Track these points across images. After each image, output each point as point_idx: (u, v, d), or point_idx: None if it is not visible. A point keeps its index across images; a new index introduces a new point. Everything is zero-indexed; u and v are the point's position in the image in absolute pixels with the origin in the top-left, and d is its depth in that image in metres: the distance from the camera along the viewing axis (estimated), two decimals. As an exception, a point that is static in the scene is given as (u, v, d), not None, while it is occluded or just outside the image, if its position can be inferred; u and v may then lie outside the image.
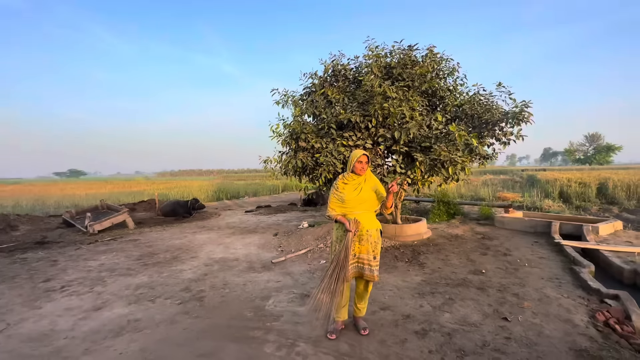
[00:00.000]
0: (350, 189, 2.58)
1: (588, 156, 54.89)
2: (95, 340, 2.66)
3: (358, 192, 2.57)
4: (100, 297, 3.54)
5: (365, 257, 2.56)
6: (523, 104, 5.00)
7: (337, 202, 2.60)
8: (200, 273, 4.32)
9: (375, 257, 2.57)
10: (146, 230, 7.70)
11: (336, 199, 2.61)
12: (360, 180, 2.60)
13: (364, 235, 2.55)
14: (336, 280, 2.47)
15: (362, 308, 2.74)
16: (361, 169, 2.57)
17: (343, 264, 2.49)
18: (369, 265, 2.55)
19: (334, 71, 5.88)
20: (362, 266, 2.57)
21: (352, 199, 2.55)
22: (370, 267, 2.55)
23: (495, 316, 2.90)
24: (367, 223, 2.56)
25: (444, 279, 3.88)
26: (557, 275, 3.88)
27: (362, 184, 2.59)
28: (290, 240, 5.87)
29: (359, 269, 2.59)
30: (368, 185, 2.61)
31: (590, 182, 12.13)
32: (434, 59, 5.52)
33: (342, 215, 2.58)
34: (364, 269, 2.57)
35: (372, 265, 2.55)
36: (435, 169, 4.66)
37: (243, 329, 2.78)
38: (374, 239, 2.57)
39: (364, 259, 2.56)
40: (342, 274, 2.48)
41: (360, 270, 2.58)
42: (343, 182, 2.63)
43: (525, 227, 6.36)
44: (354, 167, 2.58)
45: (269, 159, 5.25)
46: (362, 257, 2.57)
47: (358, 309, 2.74)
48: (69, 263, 4.93)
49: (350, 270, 2.56)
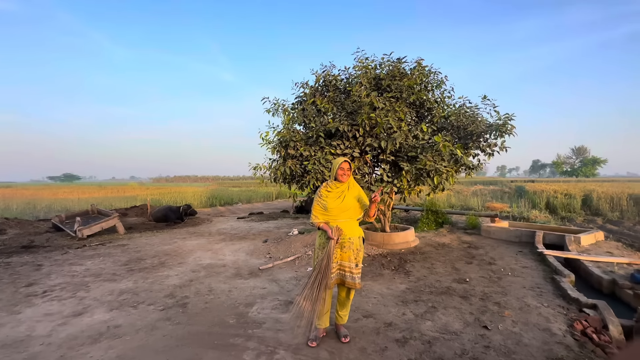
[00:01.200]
0: (334, 196, 2.61)
1: (575, 168, 55.98)
2: (72, 346, 2.63)
3: (341, 200, 2.59)
4: (81, 303, 3.50)
5: (347, 264, 2.58)
6: (506, 117, 5.14)
7: (320, 210, 2.63)
8: (186, 279, 4.30)
9: (357, 265, 2.59)
10: (136, 236, 7.63)
11: (319, 207, 2.64)
12: (344, 188, 2.64)
13: (346, 243, 2.57)
14: (318, 287, 2.48)
15: (344, 315, 2.75)
16: (343, 175, 2.61)
17: (325, 271, 2.50)
18: (350, 272, 2.57)
19: (325, 81, 5.99)
20: (344, 273, 2.59)
21: (335, 207, 2.58)
22: (352, 275, 2.57)
23: (476, 325, 2.93)
24: (350, 231, 2.59)
25: (428, 287, 3.91)
26: (538, 284, 3.94)
27: (345, 192, 2.62)
28: (280, 247, 5.87)
29: (340, 276, 2.61)
30: (351, 194, 2.64)
31: (575, 193, 12.37)
32: (422, 71, 5.66)
33: (325, 222, 2.61)
34: (346, 277, 2.58)
35: (353, 272, 2.57)
36: (421, 178, 4.74)
37: (224, 336, 2.77)
38: (356, 247, 2.60)
39: (346, 266, 2.58)
40: (324, 281, 2.49)
41: (342, 277, 2.60)
42: (326, 189, 2.66)
43: (510, 237, 6.44)
44: (337, 174, 2.62)
45: (258, 165, 5.28)
46: (344, 265, 2.59)
47: (340, 316, 2.75)
48: (53, 268, 4.87)
49: (332, 278, 2.57)
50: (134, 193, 21.57)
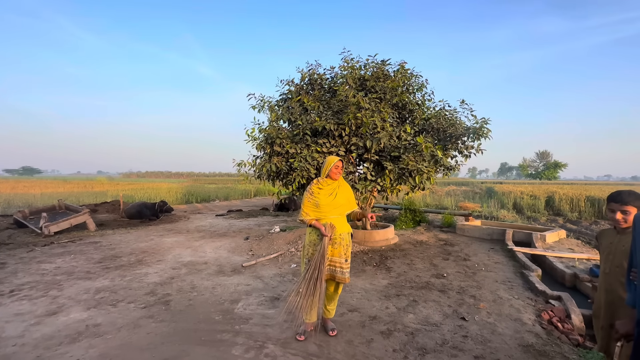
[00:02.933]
0: (325, 194, 2.65)
1: (538, 171, 59.56)
2: (49, 346, 2.51)
3: (333, 197, 2.64)
4: (55, 302, 3.34)
5: (338, 260, 2.64)
6: (483, 121, 5.42)
7: (312, 207, 2.66)
8: (167, 277, 4.19)
9: (347, 260, 2.67)
10: (109, 233, 7.30)
11: (311, 204, 2.66)
12: (335, 186, 2.69)
13: (337, 239, 2.63)
14: (314, 283, 2.52)
15: (332, 309, 2.82)
16: (337, 173, 2.67)
17: (320, 267, 2.55)
18: (340, 267, 2.64)
19: (311, 80, 6.02)
20: (334, 269, 2.65)
21: (327, 204, 2.62)
22: (342, 270, 2.63)
23: (454, 316, 3.10)
24: (340, 227, 2.65)
25: (408, 282, 4.07)
26: (509, 278, 4.22)
27: (336, 190, 2.68)
28: (262, 245, 5.85)
29: (331, 271, 2.66)
30: (342, 191, 2.70)
31: (540, 195, 13.24)
32: (405, 74, 5.84)
33: (316, 219, 2.66)
34: (336, 272, 2.64)
35: (343, 267, 2.64)
36: (403, 177, 4.90)
37: (211, 332, 2.75)
38: (346, 243, 2.67)
39: (336, 262, 2.64)
40: (319, 277, 2.54)
41: (333, 272, 2.66)
42: (318, 187, 2.70)
43: (483, 235, 6.81)
44: (330, 172, 2.67)
45: (242, 162, 5.23)
46: (335, 260, 2.64)
47: (327, 310, 2.81)
48: (19, 266, 4.58)
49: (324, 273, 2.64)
50: (103, 188, 20.54)
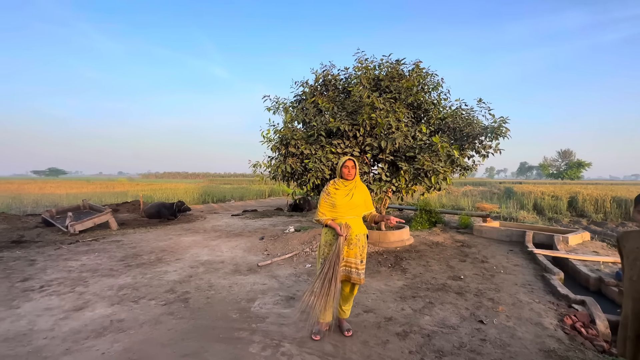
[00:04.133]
0: (342, 194, 2.67)
1: (560, 171, 57.38)
2: (77, 340, 2.64)
3: (349, 198, 2.65)
4: (81, 297, 3.49)
5: (353, 260, 2.64)
6: (501, 120, 5.30)
7: (328, 207, 2.68)
8: (185, 275, 4.31)
9: (362, 261, 2.67)
10: (130, 232, 7.56)
11: (327, 204, 2.68)
12: (351, 187, 2.69)
13: (353, 240, 2.64)
14: (328, 283, 2.53)
15: (347, 310, 2.83)
16: (347, 173, 2.67)
17: (335, 267, 2.56)
18: (356, 268, 2.64)
19: (325, 81, 6.05)
20: (350, 269, 2.65)
21: (344, 205, 2.64)
22: (357, 271, 2.64)
23: (472, 319, 3.05)
24: (356, 228, 2.65)
25: (424, 283, 4.03)
26: (529, 281, 4.10)
27: (353, 190, 2.68)
28: (277, 244, 5.92)
29: (346, 272, 2.67)
30: (359, 192, 2.70)
31: (561, 195, 12.78)
32: (420, 73, 5.77)
33: (332, 219, 2.67)
34: (352, 272, 2.65)
35: (359, 268, 2.64)
36: (418, 177, 4.85)
37: (228, 330, 2.81)
38: (361, 244, 2.67)
39: (352, 262, 2.64)
40: (334, 277, 2.55)
41: (348, 273, 2.66)
42: (334, 187, 2.71)
43: (501, 236, 6.65)
44: (341, 173, 2.69)
45: (258, 163, 5.31)
46: (350, 261, 2.65)
47: (343, 311, 2.82)
48: (48, 263, 4.81)
49: (339, 274, 2.65)
50: (123, 189, 21.25)
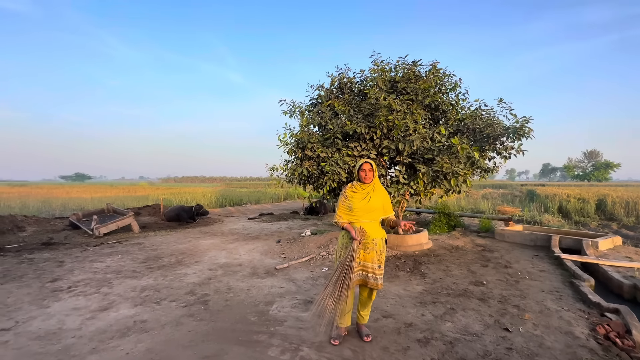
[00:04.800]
0: (359, 197, 2.64)
1: (586, 172, 54.86)
2: (103, 339, 2.72)
3: (367, 202, 2.62)
4: (106, 298, 3.60)
5: (370, 265, 2.60)
6: (524, 120, 5.12)
7: (345, 210, 2.66)
8: (205, 277, 4.38)
9: (380, 266, 2.62)
10: (151, 234, 7.77)
11: (344, 207, 2.67)
12: (369, 190, 2.66)
13: (370, 244, 2.60)
14: (340, 286, 2.51)
15: (365, 315, 2.79)
16: (365, 177, 2.64)
17: (348, 270, 2.53)
18: (373, 273, 2.60)
19: (340, 84, 6.05)
20: (367, 274, 2.62)
21: (361, 208, 2.61)
22: (374, 276, 2.60)
23: (496, 327, 2.94)
24: (373, 232, 2.61)
25: (445, 289, 3.92)
26: (557, 288, 3.92)
27: (370, 193, 2.65)
28: (293, 248, 5.93)
29: (363, 276, 2.63)
30: (377, 196, 2.66)
31: (589, 198, 12.19)
32: (437, 74, 5.68)
33: (349, 223, 2.65)
34: (369, 277, 2.61)
35: (376, 273, 2.60)
36: (437, 180, 4.75)
37: (247, 333, 2.83)
38: (379, 248, 2.62)
39: (369, 267, 2.61)
40: (346, 280, 2.52)
41: (365, 278, 2.63)
42: (352, 190, 2.69)
43: (525, 241, 6.40)
44: (359, 176, 2.66)
45: (275, 166, 5.35)
46: (367, 266, 2.61)
47: (361, 316, 2.79)
48: (75, 264, 5.00)
49: (354, 278, 2.61)
50: (144, 193, 21.91)
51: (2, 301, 3.50)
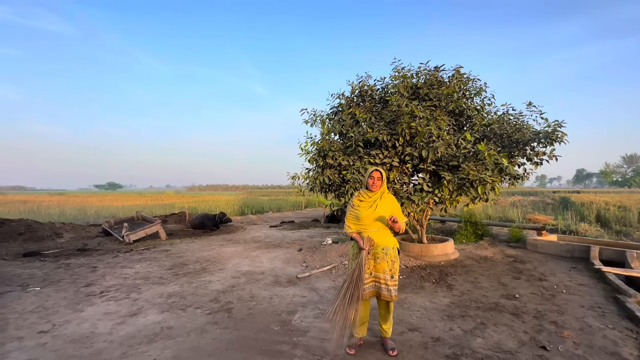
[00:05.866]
0: (366, 206, 2.58)
1: (626, 178, 51.12)
2: (132, 345, 2.79)
3: (373, 210, 2.56)
4: (135, 304, 3.72)
5: (382, 276, 2.51)
6: (556, 124, 4.86)
7: (353, 220, 2.62)
8: (228, 285, 4.43)
9: (393, 277, 2.51)
10: (177, 242, 8.01)
11: (352, 216, 2.63)
12: (376, 198, 2.59)
13: (380, 254, 2.51)
14: (350, 299, 2.43)
15: (387, 329, 2.68)
16: (372, 185, 2.58)
17: (357, 282, 2.46)
18: (385, 284, 2.50)
19: (361, 92, 6.04)
20: (379, 285, 2.52)
21: (368, 216, 2.55)
22: (387, 287, 2.50)
23: (532, 344, 2.76)
24: (383, 241, 2.53)
25: (474, 302, 3.74)
26: (599, 303, 3.64)
27: (377, 201, 2.58)
28: (315, 256, 5.90)
29: (376, 288, 2.54)
30: (384, 203, 2.58)
31: (630, 205, 11.34)
32: (461, 79, 5.54)
33: (358, 232, 2.59)
34: (381, 288, 2.52)
35: (389, 284, 2.50)
36: (463, 188, 4.59)
37: (270, 343, 2.81)
38: (390, 258, 2.53)
39: (381, 277, 2.51)
40: (355, 293, 2.44)
41: (377, 289, 2.54)
42: (359, 199, 2.65)
43: (560, 252, 6.01)
44: (367, 184, 2.61)
45: (296, 175, 5.39)
46: (379, 276, 2.52)
47: (384, 330, 2.69)
48: (107, 270, 5.23)
49: (366, 290, 2.53)
50: (171, 201, 22.73)
51: (42, 304, 3.71)
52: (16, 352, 2.67)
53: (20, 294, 4.07)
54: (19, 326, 3.14)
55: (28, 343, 2.81)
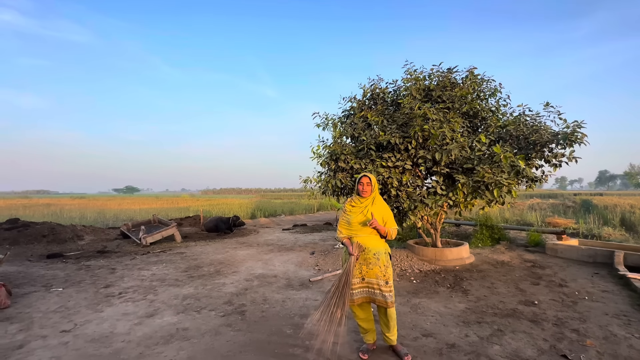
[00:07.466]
0: (357, 211, 2.60)
1: (653, 180, 48.75)
2: (148, 345, 2.86)
3: (364, 215, 2.57)
4: (152, 305, 3.81)
5: (375, 281, 2.50)
6: (575, 124, 4.70)
7: (345, 225, 2.64)
8: (241, 287, 4.48)
9: (387, 282, 2.49)
10: (191, 244, 8.17)
11: (344, 222, 2.65)
12: (367, 204, 2.61)
13: (371, 259, 2.51)
14: (335, 305, 2.42)
15: (392, 336, 2.62)
16: (362, 190, 2.60)
17: (343, 288, 2.46)
18: (379, 290, 2.49)
19: (373, 94, 6.03)
20: (373, 290, 2.52)
21: (358, 222, 2.57)
22: (382, 293, 2.48)
23: (552, 352, 2.66)
24: (374, 246, 2.53)
25: (490, 308, 3.65)
26: (624, 311, 3.48)
27: (368, 207, 2.59)
28: (327, 260, 5.89)
29: (369, 293, 2.53)
30: (375, 209, 2.59)
31: (659, 208, 10.80)
32: (475, 80, 5.46)
33: (349, 237, 2.60)
34: (375, 294, 2.51)
35: (383, 290, 2.48)
36: (478, 191, 4.49)
37: (283, 346, 2.83)
38: (383, 263, 2.51)
39: (374, 283, 2.51)
40: (341, 299, 2.43)
41: (371, 295, 2.53)
42: (351, 204, 2.67)
43: (582, 257, 5.79)
44: (358, 190, 2.64)
45: (308, 178, 5.41)
46: (372, 282, 2.52)
47: (388, 338, 2.64)
48: (125, 271, 5.38)
49: (357, 295, 2.52)
50: (186, 204, 23.21)
51: (64, 304, 3.85)
52: (40, 350, 2.78)
53: (44, 294, 4.24)
54: (43, 325, 3.27)
55: (51, 342, 2.92)
